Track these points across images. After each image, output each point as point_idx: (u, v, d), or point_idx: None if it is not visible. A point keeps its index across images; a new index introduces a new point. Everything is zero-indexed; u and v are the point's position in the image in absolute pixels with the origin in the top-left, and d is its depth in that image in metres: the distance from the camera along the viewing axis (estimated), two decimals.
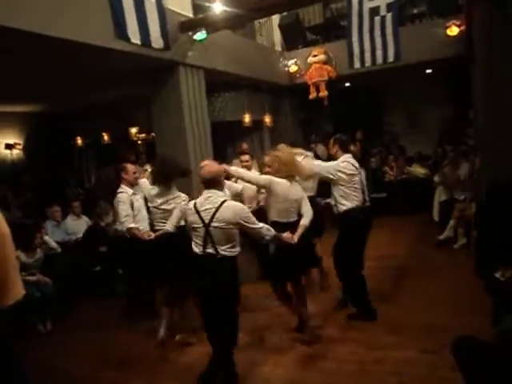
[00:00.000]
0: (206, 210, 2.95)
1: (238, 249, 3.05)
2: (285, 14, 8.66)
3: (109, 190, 8.52)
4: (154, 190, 4.00)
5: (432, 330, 3.68)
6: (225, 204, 2.94)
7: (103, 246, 5.72)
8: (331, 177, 4.01)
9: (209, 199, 2.98)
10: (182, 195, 4.02)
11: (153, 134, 7.22)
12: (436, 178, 6.97)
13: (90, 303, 5.42)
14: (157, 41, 5.25)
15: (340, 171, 4.00)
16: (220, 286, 2.95)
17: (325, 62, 8.38)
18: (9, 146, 8.99)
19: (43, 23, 3.91)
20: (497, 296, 3.11)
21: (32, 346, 4.08)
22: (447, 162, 6.65)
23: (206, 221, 2.92)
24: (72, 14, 4.20)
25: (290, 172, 3.64)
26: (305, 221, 3.62)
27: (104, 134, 9.69)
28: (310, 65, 8.47)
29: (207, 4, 5.73)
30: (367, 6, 7.75)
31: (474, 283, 3.77)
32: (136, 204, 4.21)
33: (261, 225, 3.10)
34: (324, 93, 8.29)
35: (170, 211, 3.92)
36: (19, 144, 9.18)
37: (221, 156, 6.67)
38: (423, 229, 7.21)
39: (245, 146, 7.89)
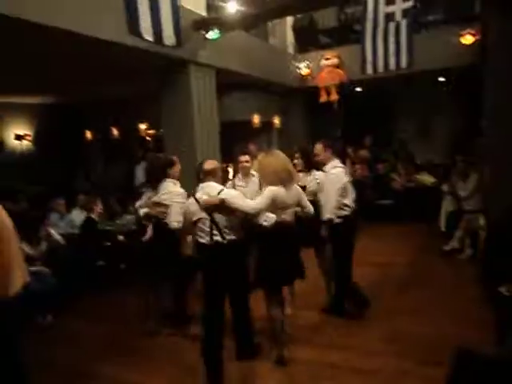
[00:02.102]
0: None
1: (242, 233, 3.27)
2: (299, 16, 8.64)
3: (117, 185, 8.63)
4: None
5: (432, 341, 3.64)
6: (222, 192, 3.17)
7: (96, 239, 5.66)
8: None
9: (204, 189, 3.22)
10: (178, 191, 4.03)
11: (162, 130, 7.23)
12: (444, 188, 6.90)
13: (91, 297, 5.43)
14: (169, 38, 5.24)
15: None
16: (231, 269, 3.20)
17: (337, 66, 8.35)
18: (18, 137, 9.07)
19: (57, 16, 3.93)
20: (501, 311, 3.06)
21: (31, 339, 4.08)
22: (456, 171, 6.57)
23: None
24: (85, 7, 4.21)
25: (274, 178, 3.28)
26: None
27: (113, 128, 9.73)
28: (322, 68, 8.44)
29: (221, 3, 5.73)
30: (383, 11, 7.69)
31: (478, 295, 3.72)
32: None
33: (247, 203, 3.13)
34: (334, 96, 8.25)
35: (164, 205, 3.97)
36: (29, 135, 9.25)
37: (228, 156, 6.66)
38: (429, 238, 7.13)
39: (251, 146, 7.85)
